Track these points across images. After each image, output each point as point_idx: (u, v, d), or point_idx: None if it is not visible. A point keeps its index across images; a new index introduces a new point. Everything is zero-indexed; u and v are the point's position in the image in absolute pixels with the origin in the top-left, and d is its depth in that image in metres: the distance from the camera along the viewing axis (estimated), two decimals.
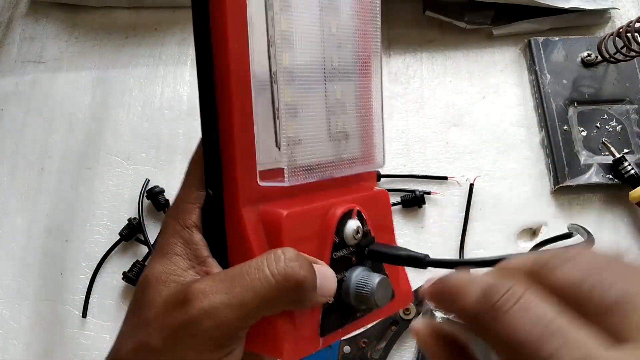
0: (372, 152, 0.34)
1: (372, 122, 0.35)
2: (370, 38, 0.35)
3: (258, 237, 0.28)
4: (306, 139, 0.31)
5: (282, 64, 0.29)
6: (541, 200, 0.58)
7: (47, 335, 0.53)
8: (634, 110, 0.60)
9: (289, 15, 0.29)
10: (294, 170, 0.29)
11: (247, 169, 0.28)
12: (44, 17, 0.68)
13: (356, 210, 0.31)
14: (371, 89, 0.35)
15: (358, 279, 0.30)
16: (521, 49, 0.65)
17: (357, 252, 0.31)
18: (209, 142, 0.29)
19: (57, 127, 0.62)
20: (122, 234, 0.55)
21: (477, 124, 0.61)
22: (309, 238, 0.29)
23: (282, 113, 0.28)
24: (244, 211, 0.28)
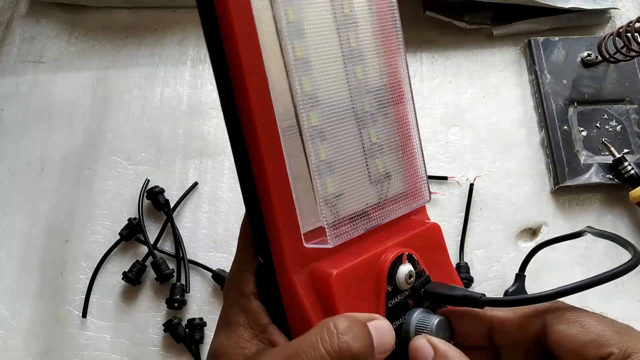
0: (416, 186, 0.34)
1: (412, 156, 0.34)
2: (398, 69, 0.34)
3: (311, 299, 0.28)
4: (346, 192, 0.30)
5: (311, 123, 0.28)
6: (541, 200, 0.58)
7: (47, 335, 0.53)
8: (634, 110, 0.60)
9: (311, 73, 0.28)
10: (337, 226, 0.29)
11: (291, 233, 0.28)
12: (44, 17, 0.68)
13: (406, 255, 0.31)
14: (407, 120, 0.34)
15: (416, 323, 0.30)
16: (521, 49, 0.65)
17: (413, 295, 0.31)
18: (251, 211, 0.29)
19: (57, 127, 0.62)
20: (122, 234, 0.56)
21: (477, 124, 0.61)
22: (362, 292, 0.29)
23: (316, 171, 0.28)
24: (293, 276, 0.28)
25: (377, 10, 0.33)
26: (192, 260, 0.55)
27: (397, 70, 0.34)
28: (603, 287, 0.56)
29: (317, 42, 0.29)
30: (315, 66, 0.29)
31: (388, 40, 0.33)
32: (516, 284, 0.52)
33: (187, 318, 0.53)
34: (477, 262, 0.55)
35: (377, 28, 0.33)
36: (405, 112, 0.34)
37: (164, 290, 0.54)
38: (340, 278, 0.28)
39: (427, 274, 0.32)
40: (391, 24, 0.34)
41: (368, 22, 0.33)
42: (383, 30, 0.33)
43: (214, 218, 0.57)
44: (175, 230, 0.56)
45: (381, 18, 0.33)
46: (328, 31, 0.30)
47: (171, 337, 0.52)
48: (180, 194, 0.58)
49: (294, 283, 0.28)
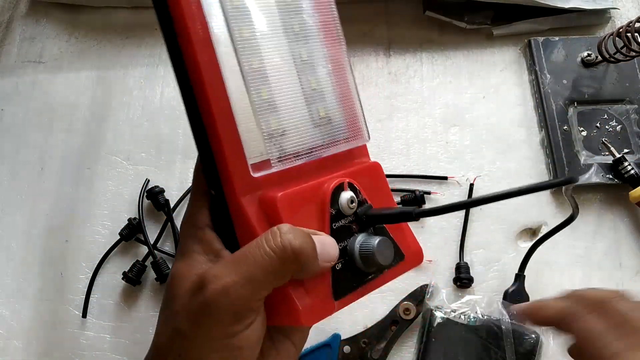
0: (356, 128, 0.37)
1: (350, 101, 0.37)
2: (330, 27, 0.37)
3: (260, 222, 0.31)
4: (289, 129, 0.34)
5: (253, 66, 0.32)
6: (541, 200, 0.58)
7: (47, 335, 0.53)
8: (634, 110, 0.60)
9: (250, 22, 0.32)
10: (280, 158, 0.32)
11: (238, 165, 0.31)
12: (44, 17, 0.68)
13: (347, 182, 0.34)
14: (342, 66, 0.37)
15: (359, 243, 0.33)
16: (521, 49, 0.65)
17: (357, 220, 0.33)
18: (201, 149, 0.32)
19: (57, 127, 0.62)
20: (122, 234, 0.56)
21: (477, 124, 0.61)
22: (307, 214, 0.32)
23: (259, 109, 0.32)
24: (243, 201, 0.31)
25: None
26: None
27: (329, 15, 0.37)
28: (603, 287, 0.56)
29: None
30: (254, 16, 0.33)
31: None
32: (516, 284, 0.52)
33: None
34: (477, 262, 0.55)
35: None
36: (340, 58, 0.37)
37: (164, 290, 0.54)
38: (285, 199, 0.31)
39: (369, 203, 0.34)
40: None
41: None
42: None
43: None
44: (175, 230, 0.56)
45: None
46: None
47: None
48: (180, 194, 0.58)
49: (243, 207, 0.31)
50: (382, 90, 0.63)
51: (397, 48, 0.65)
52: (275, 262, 0.28)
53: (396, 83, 0.64)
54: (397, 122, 0.62)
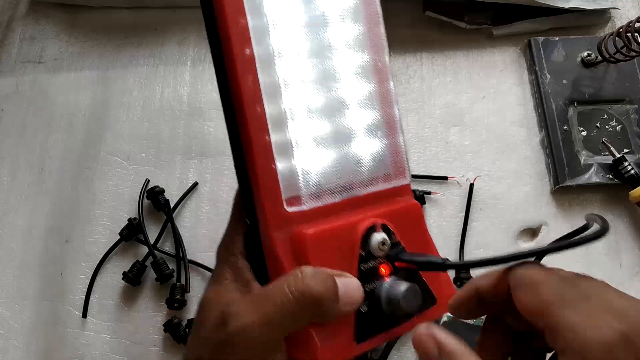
0: (398, 167, 0.37)
1: (395, 139, 0.36)
2: (379, 61, 0.36)
3: (288, 258, 0.31)
4: (324, 166, 0.33)
5: (297, 103, 0.32)
6: (541, 200, 0.58)
7: (47, 335, 0.53)
8: (634, 110, 0.60)
9: (294, 71, 0.33)
10: (314, 196, 0.32)
11: (273, 199, 0.31)
12: (44, 17, 0.68)
13: (380, 224, 0.33)
14: (391, 105, 0.37)
15: (387, 288, 0.32)
16: (521, 49, 0.65)
17: (388, 263, 0.33)
18: (240, 180, 0.32)
19: (57, 127, 0.62)
20: (122, 234, 0.55)
21: (477, 124, 0.61)
22: (335, 253, 0.31)
23: (295, 147, 0.32)
24: (274, 235, 0.31)
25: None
26: (192, 260, 0.55)
27: (379, 50, 0.37)
28: None
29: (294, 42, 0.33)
30: (299, 62, 0.33)
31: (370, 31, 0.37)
32: None
33: (187, 318, 0.53)
34: None
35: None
36: (391, 108, 0.37)
37: (164, 291, 0.54)
38: (314, 238, 0.31)
39: (402, 246, 0.34)
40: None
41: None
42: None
43: (214, 218, 0.57)
44: (176, 230, 0.56)
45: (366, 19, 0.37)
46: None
47: (171, 337, 0.52)
48: (180, 194, 0.58)
49: (273, 242, 0.31)
50: None
51: (397, 48, 0.65)
52: (294, 307, 0.28)
53: (396, 83, 0.64)
54: None
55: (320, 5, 0.34)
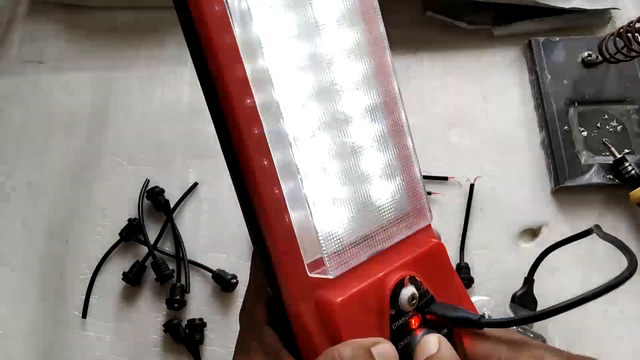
0: (418, 208, 0.34)
1: (412, 180, 0.34)
2: (391, 90, 0.35)
3: (317, 327, 0.29)
4: (346, 223, 0.31)
5: (309, 155, 0.30)
6: (542, 200, 0.58)
7: (47, 336, 0.53)
8: (634, 110, 0.60)
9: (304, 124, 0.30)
10: (336, 257, 0.30)
11: (294, 266, 0.29)
12: (44, 17, 0.68)
13: (408, 278, 0.31)
14: (405, 146, 0.35)
15: (418, 342, 0.30)
16: (522, 49, 0.65)
17: (418, 315, 0.32)
18: (258, 247, 0.31)
19: (58, 127, 0.62)
20: (122, 234, 0.55)
21: (477, 125, 0.61)
22: (365, 317, 0.30)
23: (314, 208, 0.30)
24: (299, 306, 0.30)
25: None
26: (192, 260, 0.55)
27: (389, 87, 0.35)
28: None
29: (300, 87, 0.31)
30: (308, 113, 0.31)
31: (382, 69, 0.35)
32: (524, 288, 0.52)
33: (187, 318, 0.53)
34: (477, 262, 0.55)
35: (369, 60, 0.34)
36: (404, 140, 0.35)
37: (164, 291, 0.54)
38: (342, 306, 0.29)
39: (431, 293, 0.32)
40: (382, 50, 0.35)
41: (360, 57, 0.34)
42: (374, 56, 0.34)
43: (214, 218, 0.57)
44: (175, 231, 0.56)
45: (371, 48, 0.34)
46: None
47: (171, 338, 0.52)
48: (180, 195, 0.58)
49: (300, 313, 0.30)
50: None
51: (398, 48, 0.65)
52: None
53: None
54: None
55: (324, 44, 0.32)
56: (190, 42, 0.29)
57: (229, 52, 0.28)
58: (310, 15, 0.31)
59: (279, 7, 0.30)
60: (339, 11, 0.33)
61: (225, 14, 0.29)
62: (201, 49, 0.29)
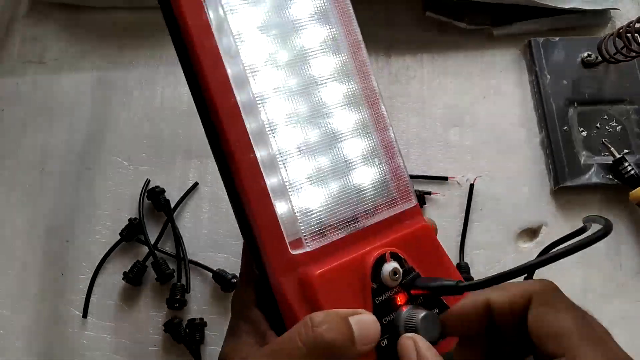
0: (401, 190, 0.35)
1: (394, 162, 0.36)
2: (365, 71, 0.36)
3: (299, 301, 0.30)
4: (327, 203, 0.33)
5: (287, 145, 0.32)
6: (541, 200, 0.58)
7: (48, 335, 0.53)
8: (634, 110, 0.60)
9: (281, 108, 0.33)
10: (316, 235, 0.32)
11: (276, 244, 0.31)
12: (45, 17, 0.68)
13: (389, 253, 0.32)
14: (385, 127, 0.36)
15: (404, 318, 0.31)
16: (521, 49, 0.65)
17: (404, 291, 0.32)
18: (243, 230, 0.32)
19: (58, 127, 0.62)
20: (122, 234, 0.56)
21: (477, 125, 0.61)
22: (347, 290, 0.31)
23: (290, 189, 0.32)
24: (282, 281, 0.31)
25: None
26: (192, 260, 0.55)
27: (365, 73, 0.36)
28: (603, 287, 0.55)
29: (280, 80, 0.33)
30: (286, 100, 0.33)
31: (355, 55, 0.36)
32: None
33: (187, 318, 0.53)
34: (477, 262, 0.55)
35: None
36: (385, 128, 0.36)
37: (164, 291, 0.54)
38: (322, 278, 0.30)
39: (417, 271, 0.33)
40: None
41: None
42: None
43: (214, 218, 0.57)
44: (176, 231, 0.56)
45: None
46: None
47: (172, 338, 0.52)
48: (180, 194, 0.58)
49: (282, 288, 0.31)
50: (382, 91, 0.62)
51: (397, 49, 0.65)
52: (308, 357, 0.27)
53: (396, 84, 0.64)
54: (397, 123, 0.61)
55: (300, 41, 0.34)
56: (179, 50, 0.33)
57: (213, 56, 0.31)
58: (287, 15, 0.34)
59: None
60: (315, 13, 0.35)
61: (208, 23, 0.32)
62: (188, 56, 0.32)
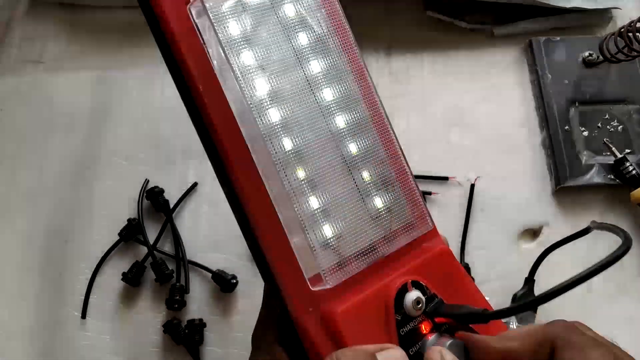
0: (416, 214, 0.35)
1: (408, 187, 0.35)
2: (374, 101, 0.35)
3: (323, 339, 0.30)
4: (345, 234, 0.32)
5: (298, 179, 0.31)
6: (542, 200, 0.58)
7: (47, 336, 0.53)
8: (635, 110, 0.60)
9: (294, 136, 0.32)
10: (333, 269, 0.31)
11: (295, 282, 0.30)
12: (44, 17, 0.68)
13: (410, 282, 0.31)
14: (396, 153, 0.35)
15: (429, 348, 0.30)
16: (522, 49, 0.65)
17: (427, 319, 0.31)
18: (261, 268, 0.32)
19: (57, 127, 0.62)
20: (121, 234, 0.55)
21: (478, 124, 0.61)
22: (371, 325, 0.30)
23: (306, 225, 0.31)
24: (304, 319, 0.30)
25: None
26: (191, 260, 0.55)
27: (374, 102, 0.35)
28: (606, 288, 0.55)
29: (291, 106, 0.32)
30: (296, 133, 0.32)
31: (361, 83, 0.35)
32: (525, 288, 0.52)
33: (186, 319, 0.53)
34: (478, 262, 0.55)
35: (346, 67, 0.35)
36: (394, 148, 0.36)
37: (163, 291, 0.54)
38: (345, 314, 0.29)
39: (439, 297, 0.32)
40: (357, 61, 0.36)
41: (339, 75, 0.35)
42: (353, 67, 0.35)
43: (213, 219, 0.57)
44: (175, 231, 0.56)
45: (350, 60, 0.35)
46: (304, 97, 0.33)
47: (171, 338, 0.52)
48: (180, 195, 0.58)
49: (305, 325, 0.30)
50: (383, 91, 0.63)
51: (398, 48, 0.65)
52: None
53: (397, 83, 0.63)
54: (398, 122, 0.61)
55: (304, 73, 0.33)
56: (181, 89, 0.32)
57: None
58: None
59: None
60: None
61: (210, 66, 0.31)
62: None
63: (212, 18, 0.31)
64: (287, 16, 0.33)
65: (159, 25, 0.30)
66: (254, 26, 0.32)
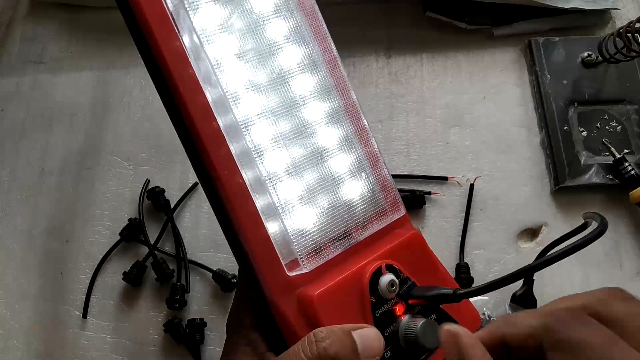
0: (389, 200, 0.36)
1: (380, 174, 0.36)
2: (345, 88, 0.36)
3: (300, 323, 0.30)
4: (320, 220, 0.33)
5: (274, 166, 0.32)
6: (541, 200, 0.58)
7: (48, 336, 0.53)
8: (634, 110, 0.60)
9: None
10: (311, 256, 0.32)
11: (272, 267, 0.31)
12: (45, 17, 0.68)
13: (384, 265, 0.32)
14: (369, 142, 0.36)
15: (404, 328, 0.31)
16: (521, 49, 0.65)
17: (401, 302, 0.32)
18: (237, 255, 0.32)
19: (58, 127, 0.62)
20: (122, 234, 0.56)
21: (477, 125, 0.61)
22: (347, 307, 0.31)
23: (282, 211, 0.32)
24: (281, 303, 0.31)
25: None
26: (192, 260, 0.55)
27: (346, 91, 0.36)
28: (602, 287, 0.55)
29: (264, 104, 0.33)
30: (266, 124, 0.33)
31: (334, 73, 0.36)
32: (524, 288, 0.52)
33: (187, 318, 0.53)
34: (477, 262, 0.55)
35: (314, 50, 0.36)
36: (367, 135, 0.36)
37: (164, 291, 0.54)
38: (321, 298, 0.30)
39: (412, 280, 0.33)
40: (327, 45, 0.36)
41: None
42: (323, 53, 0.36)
43: (214, 218, 0.56)
44: (176, 231, 0.56)
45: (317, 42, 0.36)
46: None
47: (171, 338, 0.52)
48: (180, 194, 0.58)
49: (282, 308, 0.31)
50: (382, 91, 0.63)
51: (398, 48, 0.65)
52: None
53: (396, 83, 0.64)
54: (397, 122, 0.61)
55: (279, 62, 0.34)
56: (156, 79, 0.32)
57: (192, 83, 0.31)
58: (262, 38, 0.34)
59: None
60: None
61: (184, 51, 0.31)
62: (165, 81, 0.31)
63: (187, 5, 0.31)
64: (262, 4, 0.34)
65: (132, 12, 0.30)
66: (229, 14, 0.33)
